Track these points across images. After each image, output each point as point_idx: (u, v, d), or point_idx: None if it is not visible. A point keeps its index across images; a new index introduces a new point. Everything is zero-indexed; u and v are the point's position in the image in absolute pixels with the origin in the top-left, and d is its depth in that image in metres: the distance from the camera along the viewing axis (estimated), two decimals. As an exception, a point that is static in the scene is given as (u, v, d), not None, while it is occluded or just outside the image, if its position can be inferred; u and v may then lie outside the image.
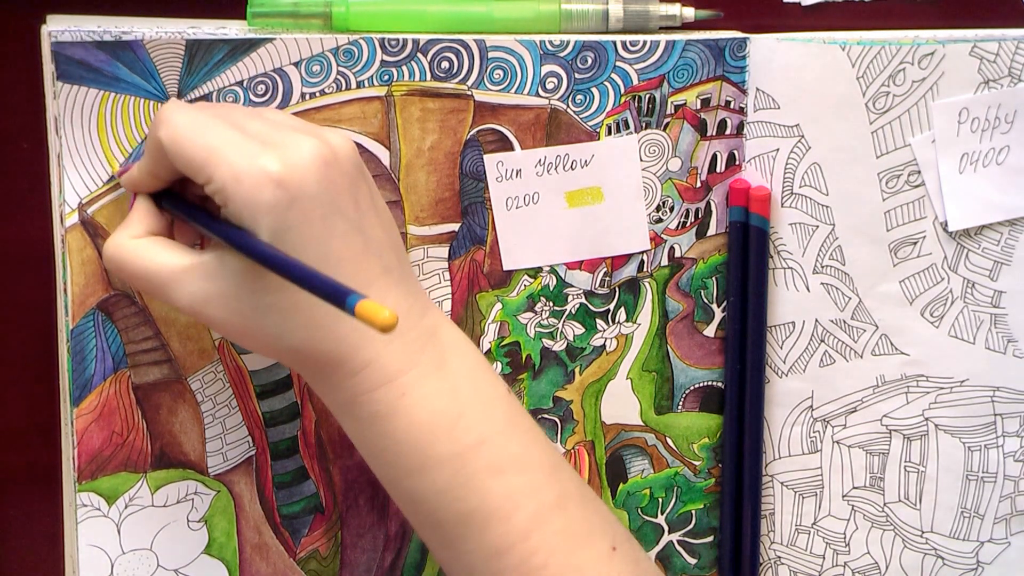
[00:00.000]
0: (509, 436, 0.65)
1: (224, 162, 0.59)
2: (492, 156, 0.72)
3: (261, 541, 0.73)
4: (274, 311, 0.61)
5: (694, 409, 0.78)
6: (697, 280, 0.76)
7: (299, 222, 0.60)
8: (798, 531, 0.79)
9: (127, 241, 0.63)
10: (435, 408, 0.63)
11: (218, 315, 0.62)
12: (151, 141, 0.63)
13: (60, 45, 0.65)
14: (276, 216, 0.59)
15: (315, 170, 0.60)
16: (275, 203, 0.59)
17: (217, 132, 0.61)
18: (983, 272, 0.76)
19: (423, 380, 0.63)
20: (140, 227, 0.64)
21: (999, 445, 0.78)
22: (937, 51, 0.73)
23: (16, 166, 0.71)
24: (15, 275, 0.73)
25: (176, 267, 0.62)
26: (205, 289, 0.62)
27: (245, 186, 0.59)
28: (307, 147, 0.61)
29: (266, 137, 0.61)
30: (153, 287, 0.63)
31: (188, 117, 0.61)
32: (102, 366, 0.69)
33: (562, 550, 0.63)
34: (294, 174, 0.59)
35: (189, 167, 0.61)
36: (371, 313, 0.53)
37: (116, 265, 0.64)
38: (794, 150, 0.75)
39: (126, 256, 0.63)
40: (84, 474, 0.69)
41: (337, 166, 0.61)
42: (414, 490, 0.64)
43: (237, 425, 0.71)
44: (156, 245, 0.63)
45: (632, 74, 0.73)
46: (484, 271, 0.74)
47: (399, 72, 0.70)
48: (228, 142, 0.60)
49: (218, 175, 0.59)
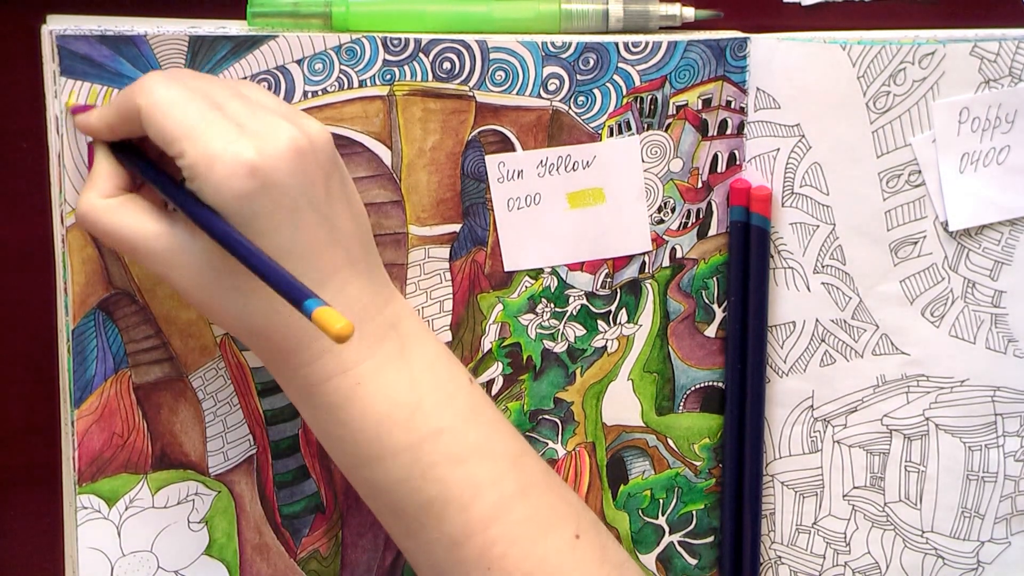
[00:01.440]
0: (470, 425, 0.65)
1: (199, 142, 0.59)
2: (493, 157, 0.72)
3: (262, 541, 0.73)
4: (237, 292, 0.62)
5: (695, 410, 0.78)
6: (698, 280, 0.76)
7: (267, 210, 0.60)
8: (798, 531, 0.79)
9: (96, 200, 0.63)
10: (392, 398, 0.63)
11: (183, 285, 0.62)
12: (125, 103, 0.62)
13: (64, 39, 0.65)
14: (245, 203, 0.59)
15: (289, 159, 0.60)
16: (246, 191, 0.59)
17: (196, 110, 0.60)
18: (983, 272, 0.77)
19: (380, 370, 0.63)
20: (108, 184, 0.64)
21: (999, 445, 0.78)
22: (937, 51, 0.74)
23: (16, 166, 0.71)
24: (15, 275, 0.73)
25: (147, 232, 0.62)
26: (172, 257, 0.62)
27: (217, 170, 0.59)
28: (284, 135, 0.61)
29: (244, 121, 0.61)
30: (124, 250, 0.63)
31: (169, 91, 0.61)
32: (103, 367, 0.69)
33: (524, 539, 0.64)
34: (268, 163, 0.60)
35: (163, 139, 0.60)
36: (327, 321, 0.54)
37: (89, 226, 0.63)
38: (795, 150, 0.75)
39: (98, 217, 0.63)
40: (84, 476, 0.69)
41: (312, 156, 0.61)
42: (372, 479, 0.64)
43: (238, 423, 0.71)
44: (126, 206, 0.63)
45: (634, 75, 0.73)
46: (485, 272, 0.73)
47: (401, 72, 0.70)
48: (205, 122, 0.60)
49: (192, 153, 0.59)
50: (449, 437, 0.64)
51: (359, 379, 0.63)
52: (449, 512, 0.63)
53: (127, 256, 0.64)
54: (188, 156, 0.59)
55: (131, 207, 0.63)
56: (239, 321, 0.63)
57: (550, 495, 0.66)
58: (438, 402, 0.65)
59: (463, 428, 0.65)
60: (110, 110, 0.63)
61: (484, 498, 0.64)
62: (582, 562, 0.65)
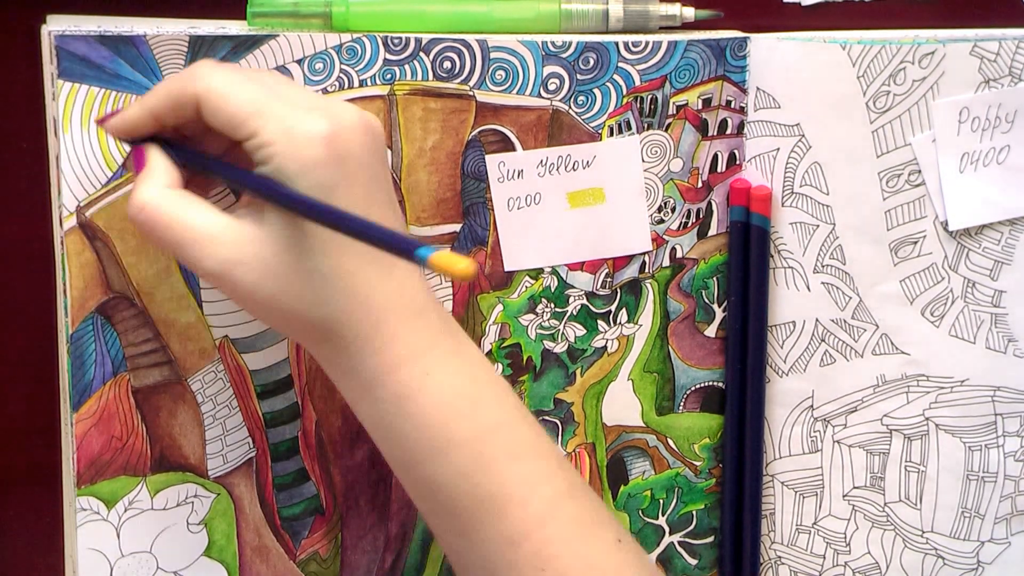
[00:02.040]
0: (522, 422, 0.65)
1: (272, 118, 0.59)
2: (494, 156, 0.72)
3: (261, 543, 0.72)
4: (316, 275, 0.60)
5: (695, 410, 0.78)
6: (698, 280, 0.76)
7: (345, 182, 0.59)
8: (798, 531, 0.79)
9: (158, 191, 0.61)
10: (457, 389, 0.63)
11: (249, 279, 0.60)
12: (179, 92, 0.61)
13: (63, 40, 0.65)
14: (325, 173, 0.59)
15: (361, 134, 0.60)
16: (325, 158, 0.59)
17: (258, 91, 0.60)
18: (983, 272, 0.77)
19: (446, 360, 0.63)
20: (168, 176, 0.62)
21: (999, 445, 0.78)
22: (937, 51, 0.74)
23: (16, 166, 0.71)
24: (15, 276, 0.72)
25: (211, 225, 0.60)
26: (240, 251, 0.60)
27: (297, 141, 0.59)
28: (351, 113, 0.61)
29: (307, 101, 0.61)
30: (182, 245, 0.60)
31: (227, 74, 0.61)
32: (101, 370, 0.68)
33: (574, 539, 0.63)
34: (343, 134, 0.60)
35: (231, 122, 0.59)
36: (449, 262, 0.51)
37: (146, 218, 0.60)
38: (794, 149, 0.75)
39: (158, 207, 0.60)
40: (83, 479, 0.69)
41: (378, 137, 0.62)
42: (433, 474, 0.63)
43: (237, 426, 0.71)
44: (188, 199, 0.61)
45: (634, 75, 0.73)
46: (485, 272, 0.73)
47: (401, 71, 0.70)
48: (272, 99, 0.60)
49: (268, 129, 0.59)
50: (506, 432, 0.64)
51: (428, 369, 0.62)
52: (508, 508, 0.63)
53: (185, 254, 0.61)
54: (262, 133, 0.59)
55: (193, 199, 0.61)
56: (313, 309, 0.61)
57: (591, 497, 0.66)
58: (494, 397, 0.64)
59: (518, 424, 0.64)
60: (156, 100, 0.62)
61: (540, 495, 0.63)
62: (627, 564, 0.65)
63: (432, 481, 0.63)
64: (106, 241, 0.67)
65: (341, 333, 0.62)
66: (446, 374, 0.63)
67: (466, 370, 0.64)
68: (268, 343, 0.71)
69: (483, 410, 0.63)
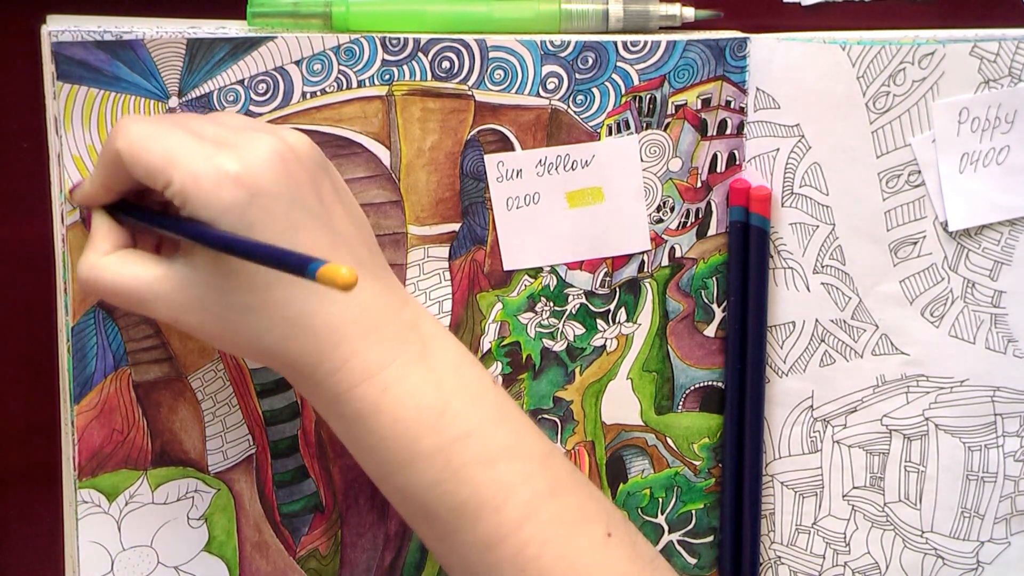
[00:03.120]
0: (498, 426, 0.65)
1: (182, 164, 0.60)
2: (493, 156, 0.72)
3: (261, 539, 0.73)
4: (249, 311, 0.61)
5: (694, 409, 0.78)
6: (697, 280, 0.76)
7: (261, 219, 0.60)
8: (798, 531, 0.79)
9: (97, 260, 0.63)
10: (419, 402, 0.63)
11: (195, 320, 0.62)
12: (107, 154, 0.62)
13: (60, 45, 0.65)
14: (237, 214, 0.59)
15: (273, 166, 0.60)
16: (235, 201, 0.59)
17: (173, 137, 0.61)
18: (983, 272, 0.76)
19: (405, 374, 0.63)
20: (106, 244, 0.64)
21: (999, 445, 0.78)
22: (937, 51, 0.73)
23: (16, 166, 0.71)
24: (15, 275, 0.73)
25: (149, 278, 0.62)
26: (180, 297, 0.62)
27: (204, 186, 0.59)
28: (264, 145, 0.61)
29: (223, 139, 0.61)
30: (130, 302, 0.63)
31: (144, 126, 0.61)
32: (102, 363, 0.69)
33: (556, 539, 0.64)
34: (251, 170, 0.60)
35: (148, 173, 0.61)
36: (331, 274, 0.53)
37: (91, 286, 0.63)
38: (794, 150, 0.75)
39: (99, 275, 0.63)
40: (84, 471, 0.69)
41: (296, 162, 0.62)
42: (404, 485, 0.64)
43: (237, 423, 0.71)
44: (126, 259, 0.63)
45: (633, 74, 0.73)
46: (484, 271, 0.74)
47: (400, 72, 0.70)
48: (185, 145, 0.60)
49: (177, 177, 0.60)
50: (478, 439, 0.64)
51: (385, 384, 0.63)
52: (482, 514, 0.63)
53: (135, 309, 0.64)
54: (175, 181, 0.60)
55: (130, 259, 0.63)
56: (258, 342, 0.62)
57: (579, 494, 0.66)
58: (465, 404, 0.64)
59: (491, 429, 0.64)
60: (99, 169, 0.64)
61: (516, 498, 0.63)
62: (614, 560, 0.65)
63: (404, 491, 0.64)
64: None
65: (290, 361, 0.63)
66: (406, 388, 0.63)
67: (431, 379, 0.64)
68: (268, 341, 0.71)
69: (451, 419, 0.63)
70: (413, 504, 0.64)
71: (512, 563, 0.63)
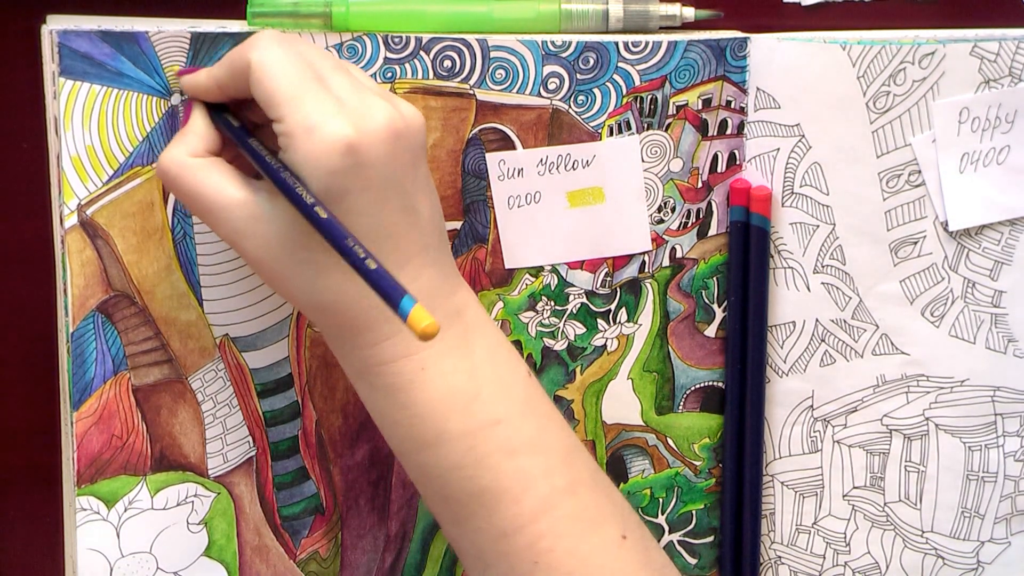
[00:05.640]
0: (525, 418, 0.65)
1: (302, 110, 0.60)
2: (494, 155, 0.72)
3: (261, 543, 0.72)
4: (310, 265, 0.61)
5: (695, 409, 0.78)
6: (698, 280, 0.76)
7: (358, 188, 0.60)
8: (798, 531, 0.79)
9: (185, 158, 0.63)
10: (453, 385, 0.63)
11: (254, 253, 0.62)
12: (238, 59, 0.62)
13: (65, 36, 0.65)
14: (337, 180, 0.59)
15: (385, 140, 0.61)
16: (339, 167, 0.59)
17: (302, 77, 0.61)
18: (983, 272, 0.77)
19: (443, 357, 0.63)
20: (199, 144, 0.64)
21: (999, 445, 0.78)
22: (937, 51, 0.74)
23: (16, 166, 0.71)
24: (15, 275, 0.72)
25: (227, 198, 0.62)
26: (248, 226, 0.62)
27: (315, 141, 0.59)
28: (382, 115, 0.61)
29: (346, 96, 0.61)
30: (199, 211, 0.63)
31: (284, 52, 0.61)
32: (102, 369, 0.69)
33: (571, 535, 0.64)
34: (365, 140, 0.60)
35: (267, 99, 0.60)
36: (419, 318, 0.54)
37: (170, 181, 0.63)
38: (795, 150, 0.75)
39: (181, 173, 0.62)
40: (83, 478, 0.69)
41: (406, 139, 0.62)
42: (426, 465, 0.64)
43: (238, 425, 0.71)
44: (212, 168, 0.63)
45: (634, 75, 0.73)
46: (486, 269, 0.73)
47: (402, 70, 0.70)
48: (310, 91, 0.60)
49: (292, 120, 0.60)
50: (505, 428, 0.64)
51: (423, 364, 0.63)
52: (500, 503, 0.63)
53: (202, 218, 0.63)
54: (287, 122, 0.60)
55: (217, 169, 0.63)
56: (307, 296, 0.62)
57: (598, 493, 0.66)
58: (496, 393, 0.65)
59: (519, 420, 0.65)
60: (220, 68, 0.64)
61: (535, 491, 0.64)
62: (626, 563, 0.65)
63: (426, 470, 0.64)
64: (107, 239, 0.68)
65: (336, 322, 0.63)
66: (442, 370, 0.63)
67: (466, 366, 0.64)
68: (268, 341, 0.71)
69: (481, 406, 0.63)
70: (433, 484, 0.65)
71: (524, 554, 0.63)
